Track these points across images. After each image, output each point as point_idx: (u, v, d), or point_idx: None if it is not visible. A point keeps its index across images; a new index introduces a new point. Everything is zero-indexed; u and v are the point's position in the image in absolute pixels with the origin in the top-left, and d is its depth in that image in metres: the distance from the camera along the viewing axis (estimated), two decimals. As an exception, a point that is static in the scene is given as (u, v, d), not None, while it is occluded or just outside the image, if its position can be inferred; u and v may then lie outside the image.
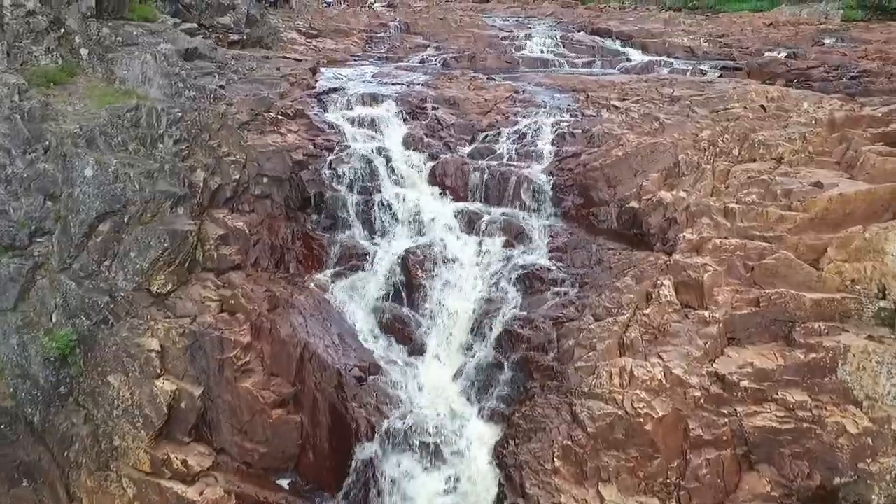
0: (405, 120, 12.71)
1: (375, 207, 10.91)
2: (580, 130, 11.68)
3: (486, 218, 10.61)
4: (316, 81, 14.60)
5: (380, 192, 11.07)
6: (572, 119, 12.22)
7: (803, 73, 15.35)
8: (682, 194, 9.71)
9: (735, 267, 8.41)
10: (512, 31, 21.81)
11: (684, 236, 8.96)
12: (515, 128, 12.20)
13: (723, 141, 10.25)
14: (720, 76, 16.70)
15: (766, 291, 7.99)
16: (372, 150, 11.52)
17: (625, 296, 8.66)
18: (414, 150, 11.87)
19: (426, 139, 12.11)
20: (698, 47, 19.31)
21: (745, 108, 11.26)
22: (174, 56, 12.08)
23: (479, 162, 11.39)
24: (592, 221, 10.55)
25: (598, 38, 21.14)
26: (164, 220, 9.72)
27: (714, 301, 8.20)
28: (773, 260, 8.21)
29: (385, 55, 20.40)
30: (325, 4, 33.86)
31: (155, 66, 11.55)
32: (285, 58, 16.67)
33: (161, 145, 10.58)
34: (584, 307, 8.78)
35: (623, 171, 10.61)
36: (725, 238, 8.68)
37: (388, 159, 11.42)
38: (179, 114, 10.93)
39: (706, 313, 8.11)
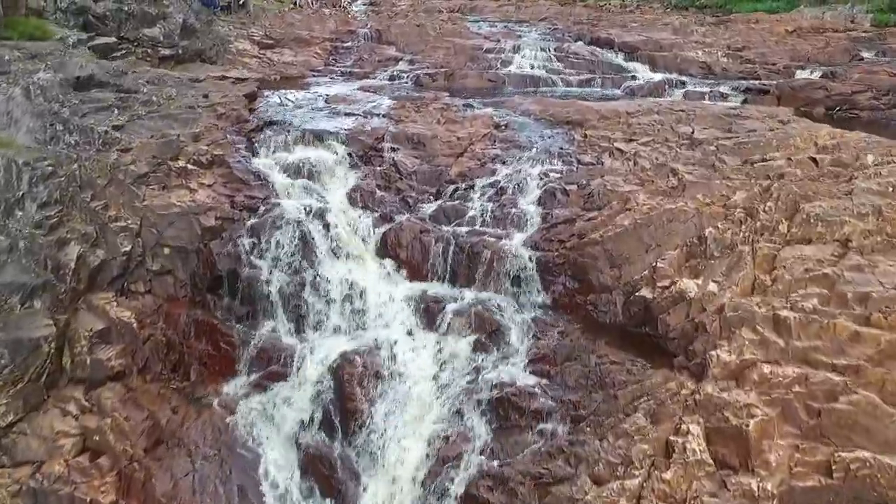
0: (355, 166, 10.44)
1: (307, 290, 8.60)
2: (575, 186, 9.40)
3: (450, 308, 8.34)
4: (252, 111, 12.30)
5: (313, 268, 8.75)
6: (565, 168, 9.93)
7: (847, 99, 13.15)
8: (712, 287, 7.42)
9: (793, 410, 6.14)
10: (498, 42, 19.54)
11: (718, 355, 6.68)
12: (493, 179, 9.92)
13: (765, 211, 7.97)
14: (744, 101, 14.48)
15: (842, 454, 5.71)
16: (307, 211, 9.23)
17: (636, 445, 6.38)
18: (363, 208, 9.59)
19: (379, 193, 9.83)
20: (716, 63, 17.07)
21: (790, 159, 9.00)
22: (56, 87, 9.79)
23: (444, 228, 9.10)
24: (591, 313, 8.27)
25: (597, 51, 18.88)
26: (6, 324, 7.37)
27: (764, 462, 5.94)
28: (849, 404, 5.94)
29: (350, 69, 18.13)
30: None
31: (25, 103, 9.25)
32: (223, 78, 14.38)
33: (19, 213, 8.27)
34: (579, 460, 6.50)
35: (631, 246, 8.33)
36: (777, 364, 6.42)
37: (327, 223, 9.12)
38: (50, 167, 8.62)
39: (753, 482, 5.85)
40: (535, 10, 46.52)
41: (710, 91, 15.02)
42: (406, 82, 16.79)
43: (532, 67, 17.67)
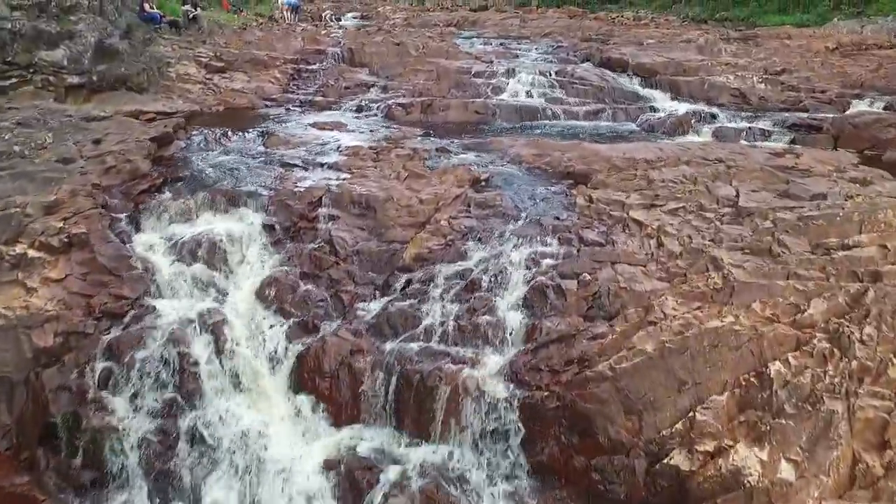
0: (278, 243, 7.96)
1: (180, 447, 6.06)
2: (575, 281, 6.89)
3: (387, 478, 5.77)
4: (159, 160, 9.90)
5: (194, 409, 6.24)
6: (561, 250, 7.43)
7: (928, 142, 10.60)
8: (786, 470, 4.92)
9: None
10: (490, 63, 17.15)
11: None
12: (462, 266, 7.43)
13: (862, 340, 5.43)
14: (792, 141, 11.97)
15: None
16: (195, 319, 6.72)
17: None
18: (276, 311, 7.10)
19: (303, 287, 7.36)
20: (752, 91, 14.60)
21: (885, 247, 6.45)
22: None
23: (387, 346, 6.60)
24: (597, 484, 5.77)
25: (608, 74, 16.44)
26: None
27: None
28: None
29: (311, 98, 15.74)
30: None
31: None
32: (138, 113, 11.99)
33: None
34: None
35: (656, 383, 5.83)
36: None
37: (221, 338, 6.61)
38: None
39: None
40: (542, 23, 44.31)
41: (749, 128, 12.53)
42: (374, 114, 14.37)
43: (529, 96, 15.24)
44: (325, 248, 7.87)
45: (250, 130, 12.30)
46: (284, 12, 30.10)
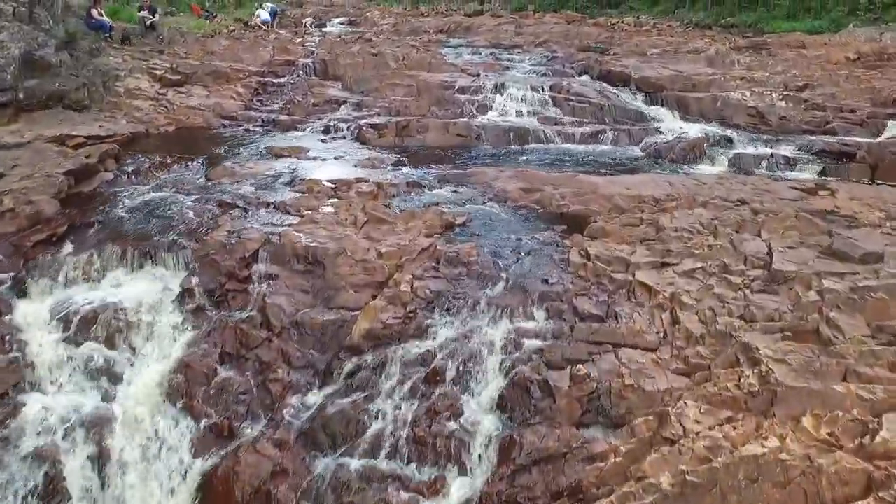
0: (197, 311, 6.52)
1: None
2: (567, 374, 5.46)
3: None
4: (74, 199, 8.48)
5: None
6: (550, 326, 6.02)
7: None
8: None
9: None
10: (477, 77, 15.76)
11: None
12: (423, 347, 5.97)
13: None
14: (822, 172, 10.58)
15: None
16: (74, 425, 5.27)
17: None
18: (183, 410, 5.62)
19: (222, 374, 5.99)
20: (770, 109, 13.21)
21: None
22: None
23: (319, 465, 5.15)
24: None
25: (608, 90, 15.07)
26: None
27: None
28: None
29: (275, 117, 14.37)
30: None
31: None
32: (65, 138, 10.56)
33: None
34: None
35: (676, 534, 4.33)
36: None
37: (104, 455, 5.14)
38: None
39: None
40: (538, 29, 42.99)
41: (771, 155, 11.14)
42: (343, 136, 12.99)
43: (519, 115, 13.86)
44: (256, 320, 6.44)
45: (195, 158, 10.92)
46: (259, 25, 28.71)
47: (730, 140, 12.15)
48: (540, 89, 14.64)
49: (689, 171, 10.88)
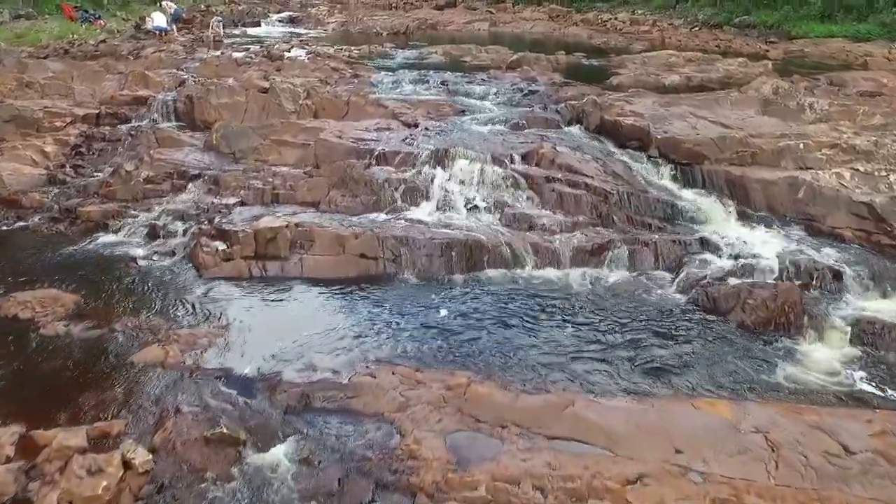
0: None
1: None
2: None
3: None
4: None
5: None
6: None
7: None
8: None
9: None
10: (414, 131, 10.88)
11: None
12: None
13: None
14: None
15: None
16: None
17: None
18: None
19: None
20: (891, 209, 8.34)
21: None
22: None
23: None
24: None
25: (614, 154, 10.33)
26: None
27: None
28: None
29: (80, 203, 9.59)
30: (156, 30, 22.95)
31: None
32: None
33: None
34: None
35: None
36: None
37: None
38: None
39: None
40: (516, 27, 38.34)
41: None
42: (173, 251, 8.12)
43: (472, 209, 9.04)
44: None
45: None
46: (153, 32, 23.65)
47: (838, 275, 7.33)
48: (507, 160, 9.73)
49: (780, 364, 6.07)
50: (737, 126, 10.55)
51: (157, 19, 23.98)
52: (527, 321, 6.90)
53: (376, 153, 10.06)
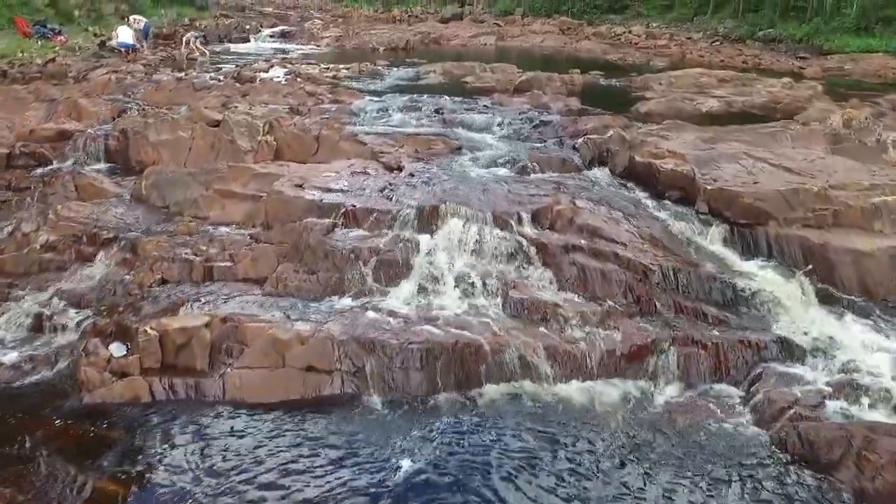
0: None
1: None
2: None
3: None
4: None
5: None
6: None
7: None
8: None
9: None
10: (395, 179, 8.81)
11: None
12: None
13: None
14: None
15: None
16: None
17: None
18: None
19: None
20: None
21: None
22: None
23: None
24: None
25: (644, 203, 8.25)
26: None
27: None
28: None
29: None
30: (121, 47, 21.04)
31: None
32: None
33: None
34: None
35: None
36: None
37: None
38: None
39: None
40: (525, 41, 36.52)
41: None
42: (55, 360, 6.04)
43: (464, 292, 7.03)
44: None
45: None
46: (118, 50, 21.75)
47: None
48: (512, 221, 7.65)
49: None
50: (806, 171, 8.46)
51: (123, 34, 22.00)
52: (539, 472, 4.82)
53: (343, 210, 7.98)
